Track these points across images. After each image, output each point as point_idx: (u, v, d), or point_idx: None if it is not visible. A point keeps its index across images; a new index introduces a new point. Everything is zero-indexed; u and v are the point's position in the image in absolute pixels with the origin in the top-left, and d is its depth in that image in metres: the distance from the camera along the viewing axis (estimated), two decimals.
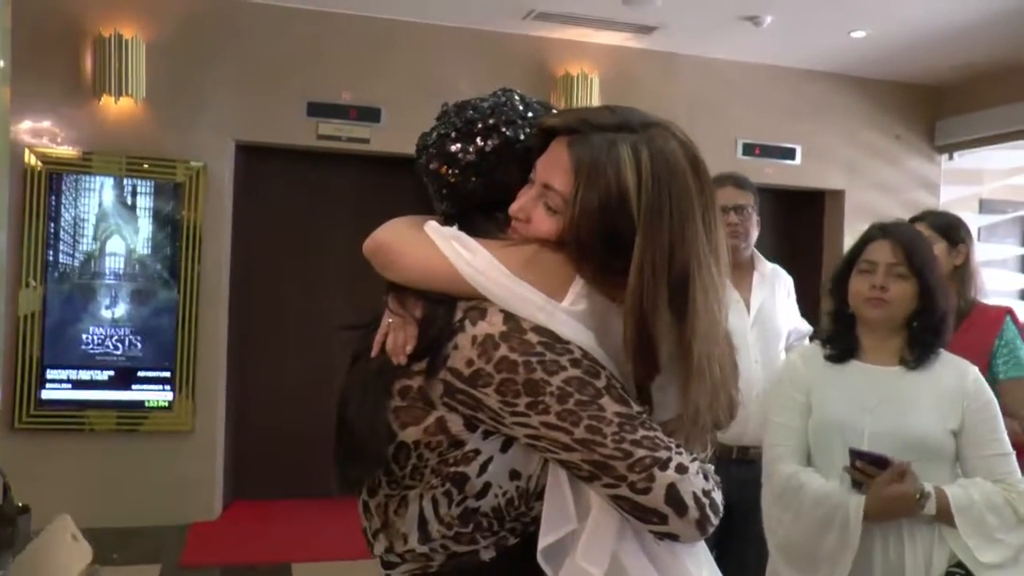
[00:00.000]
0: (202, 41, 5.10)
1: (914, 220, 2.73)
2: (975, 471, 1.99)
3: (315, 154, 5.42)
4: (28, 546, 1.03)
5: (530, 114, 1.22)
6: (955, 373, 2.05)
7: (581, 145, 1.11)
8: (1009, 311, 2.73)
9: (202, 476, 5.09)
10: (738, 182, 2.99)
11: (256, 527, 5.03)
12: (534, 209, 1.14)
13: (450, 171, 1.21)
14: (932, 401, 2.01)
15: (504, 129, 1.19)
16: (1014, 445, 2.69)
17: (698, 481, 1.06)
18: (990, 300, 2.86)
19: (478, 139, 1.19)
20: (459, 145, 1.20)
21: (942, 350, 2.08)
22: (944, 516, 1.92)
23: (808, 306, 3.22)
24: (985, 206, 6.96)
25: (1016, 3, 4.81)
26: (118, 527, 4.80)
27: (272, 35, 5.20)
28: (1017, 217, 7.11)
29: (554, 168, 1.12)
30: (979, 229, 6.93)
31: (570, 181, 1.10)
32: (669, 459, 1.06)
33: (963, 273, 2.75)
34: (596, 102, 5.61)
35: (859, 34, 5.44)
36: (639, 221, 1.07)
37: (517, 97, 1.24)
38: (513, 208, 1.17)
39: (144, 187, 5.03)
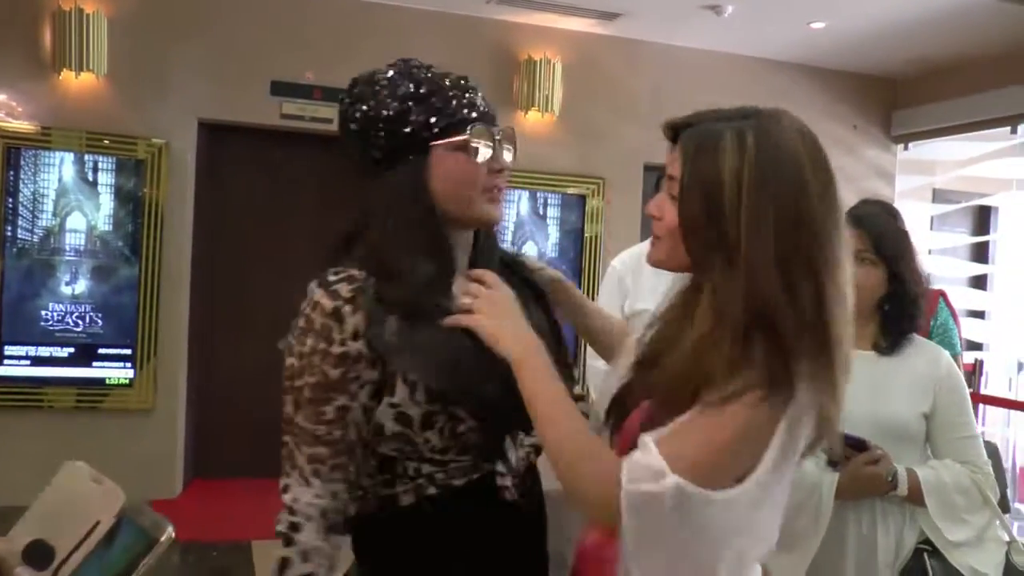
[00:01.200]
0: (165, 17, 5.06)
1: None
2: (945, 453, 2.05)
3: (279, 134, 5.41)
4: (34, 504, 1.06)
5: (400, 90, 1.29)
6: (927, 358, 2.10)
7: (691, 133, 1.19)
8: (942, 293, 2.86)
9: (163, 454, 5.11)
10: None
11: (216, 505, 5.06)
12: (664, 201, 1.22)
13: (344, 136, 1.35)
14: (905, 386, 2.07)
15: (370, 101, 1.30)
16: None
17: (286, 517, 1.21)
18: (943, 287, 2.97)
19: (350, 110, 1.32)
20: (341, 113, 1.34)
21: (914, 335, 2.12)
22: (915, 497, 1.99)
23: None
24: (938, 195, 7.13)
25: None
26: None
27: (235, 12, 5.18)
28: (968, 207, 7.29)
29: (673, 158, 1.20)
30: (932, 218, 7.11)
31: (681, 166, 1.18)
32: (288, 474, 1.23)
33: None
34: (559, 88, 5.67)
35: (818, 25, 5.54)
36: (744, 198, 1.11)
37: (394, 73, 1.32)
38: (649, 208, 1.26)
39: (105, 163, 5.00)
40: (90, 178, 4.97)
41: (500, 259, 1.42)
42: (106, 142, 4.98)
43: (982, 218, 7.41)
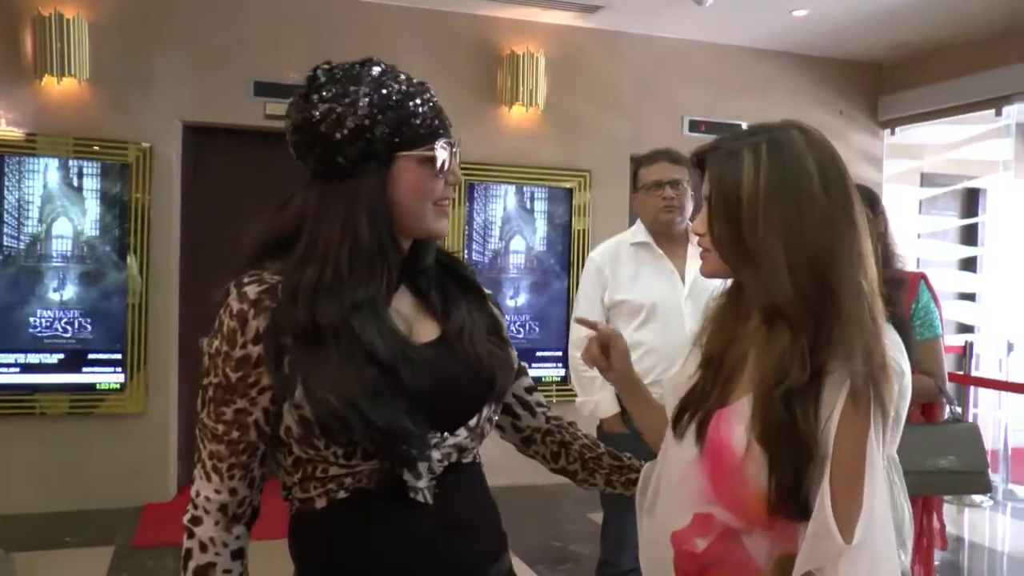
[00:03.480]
0: (146, 21, 5.06)
1: None
2: None
3: (263, 134, 5.39)
4: None
5: (374, 95, 1.26)
6: None
7: (716, 155, 1.33)
8: (923, 276, 2.87)
9: (156, 458, 5.12)
10: (673, 157, 3.07)
11: None
12: (706, 218, 1.35)
13: (301, 133, 1.29)
14: None
15: (343, 101, 1.25)
16: (928, 402, 2.85)
17: (190, 509, 1.28)
18: (933, 270, 2.99)
19: (317, 109, 1.26)
20: (302, 110, 1.27)
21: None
22: None
23: None
24: (926, 179, 7.17)
25: None
26: (72, 510, 4.81)
27: (215, 14, 5.18)
28: (956, 190, 7.31)
29: (705, 182, 1.35)
30: (920, 202, 7.14)
31: (710, 186, 1.33)
32: (196, 465, 1.27)
33: (884, 240, 2.88)
34: (543, 81, 5.67)
35: (800, 13, 5.55)
36: (760, 203, 1.26)
37: (366, 75, 1.28)
38: (694, 226, 1.38)
39: (91, 169, 5.00)
40: (75, 184, 4.98)
41: (436, 259, 1.41)
42: (96, 148, 4.98)
43: (970, 200, 7.44)
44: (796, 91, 6.42)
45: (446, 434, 1.29)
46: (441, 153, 1.29)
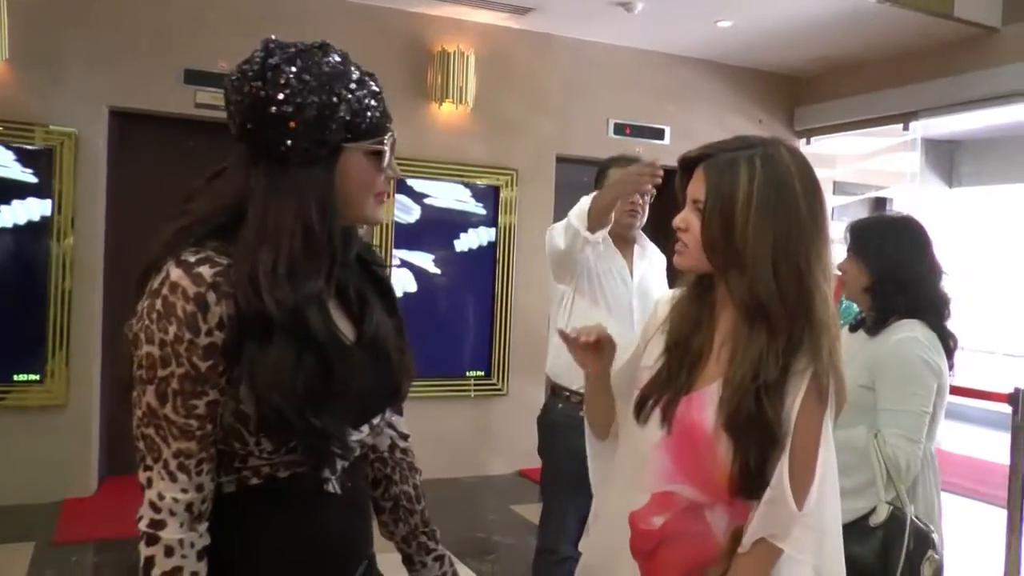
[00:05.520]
0: (70, 1, 4.93)
1: None
2: (878, 419, 2.24)
3: (194, 122, 5.33)
4: None
5: (334, 82, 1.22)
6: (887, 336, 2.29)
7: (711, 163, 1.44)
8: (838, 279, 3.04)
9: (77, 451, 5.00)
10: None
11: (132, 502, 4.91)
12: (690, 217, 1.47)
13: (250, 117, 1.23)
14: (858, 361, 2.26)
15: (298, 87, 1.19)
16: None
17: (149, 514, 1.21)
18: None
19: (271, 92, 1.20)
20: (251, 94, 1.21)
21: (910, 320, 2.29)
22: None
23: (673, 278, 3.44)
24: (838, 188, 7.49)
25: (865, 3, 5.20)
26: None
27: None
28: (866, 198, 7.67)
29: (697, 184, 1.46)
30: (833, 209, 7.45)
31: (705, 191, 1.44)
32: (150, 467, 1.20)
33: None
34: (472, 80, 5.74)
35: (725, 24, 5.74)
36: (753, 212, 1.38)
37: (324, 60, 1.23)
38: (676, 221, 1.49)
39: (12, 153, 4.83)
40: None
41: (356, 253, 1.40)
42: (17, 132, 4.81)
43: (878, 209, 7.78)
44: (718, 99, 6.63)
45: (352, 430, 1.33)
46: (387, 147, 1.30)
